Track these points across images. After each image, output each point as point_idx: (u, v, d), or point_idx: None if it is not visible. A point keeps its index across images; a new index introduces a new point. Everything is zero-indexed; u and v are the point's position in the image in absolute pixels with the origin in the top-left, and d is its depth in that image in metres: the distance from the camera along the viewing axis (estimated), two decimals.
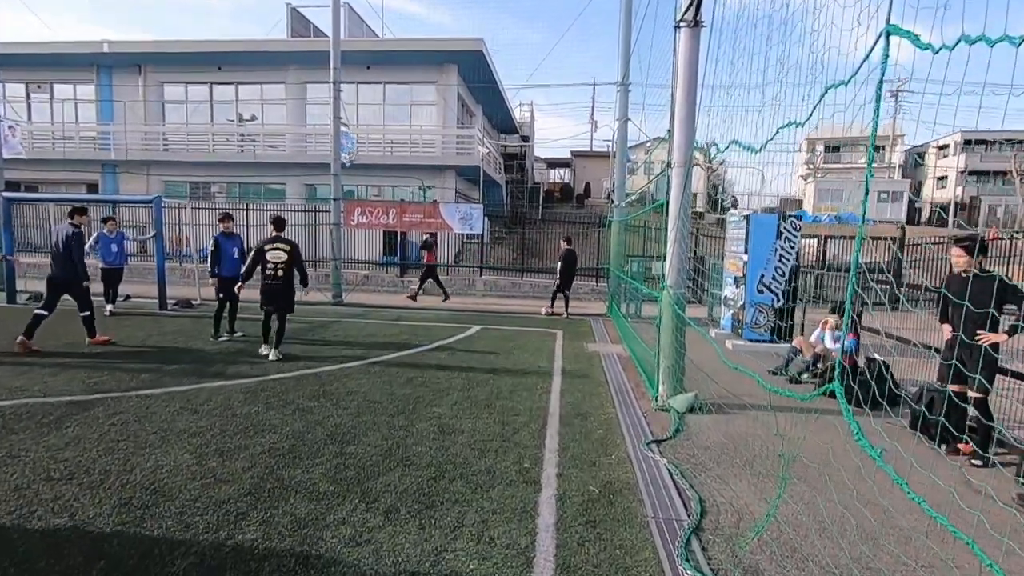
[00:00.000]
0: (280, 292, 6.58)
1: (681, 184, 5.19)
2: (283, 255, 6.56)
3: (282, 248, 6.58)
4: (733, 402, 5.55)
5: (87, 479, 3.42)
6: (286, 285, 6.60)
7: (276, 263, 6.52)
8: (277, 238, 6.65)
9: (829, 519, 3.21)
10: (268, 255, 6.52)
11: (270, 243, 6.57)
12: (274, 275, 6.52)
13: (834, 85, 2.37)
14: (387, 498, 3.33)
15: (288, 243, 6.67)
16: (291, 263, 6.60)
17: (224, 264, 7.64)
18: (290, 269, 6.60)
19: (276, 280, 6.53)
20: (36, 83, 21.47)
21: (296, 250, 6.70)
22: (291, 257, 6.59)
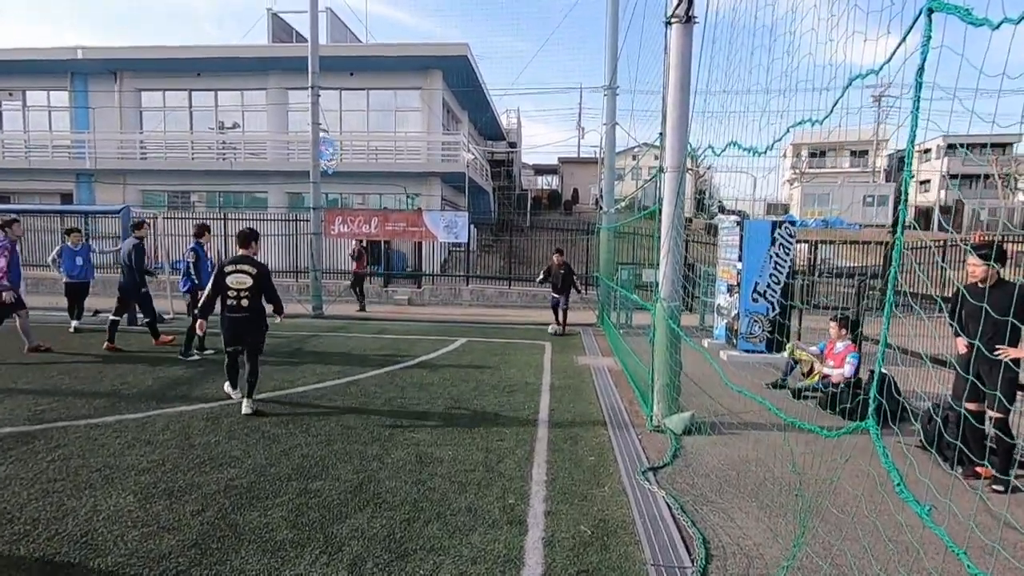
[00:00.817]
0: (245, 326, 5.16)
1: (675, 189, 4.88)
2: (247, 279, 5.11)
3: (245, 271, 5.14)
4: (731, 420, 5.23)
5: (10, 530, 2.99)
6: (253, 317, 5.18)
7: (239, 290, 5.10)
8: (242, 258, 5.23)
9: (848, 561, 2.87)
10: (229, 279, 5.10)
11: (232, 264, 5.18)
12: (237, 305, 5.11)
13: (861, 75, 2.05)
14: (353, 546, 2.94)
15: (254, 264, 5.21)
16: (258, 289, 5.18)
17: (205, 277, 7.37)
18: (257, 296, 5.19)
19: (240, 312, 5.12)
20: (8, 91, 20.83)
21: (264, 273, 5.23)
22: (257, 282, 5.16)
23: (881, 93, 36.09)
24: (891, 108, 37.61)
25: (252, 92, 19.96)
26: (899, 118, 46.45)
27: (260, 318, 5.29)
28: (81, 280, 8.97)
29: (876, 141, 40.38)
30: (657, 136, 5.93)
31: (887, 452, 1.93)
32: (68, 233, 8.97)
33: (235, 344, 5.30)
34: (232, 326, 5.19)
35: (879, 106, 38.39)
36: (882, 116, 38.84)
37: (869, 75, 2.11)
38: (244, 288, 5.12)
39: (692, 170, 25.95)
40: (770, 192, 39.60)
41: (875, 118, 38.74)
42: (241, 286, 5.12)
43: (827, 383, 5.92)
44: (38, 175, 19.60)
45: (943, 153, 40.33)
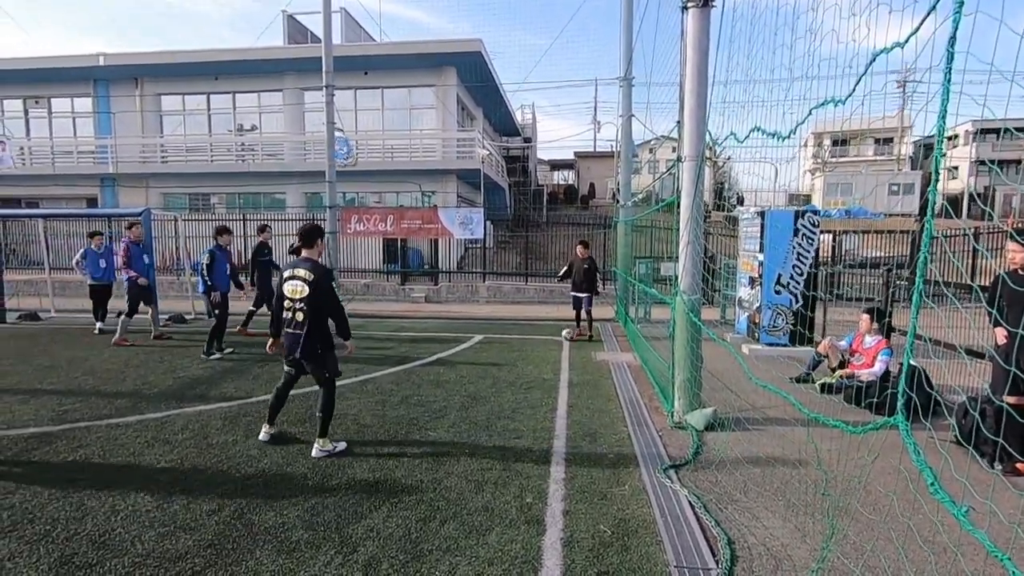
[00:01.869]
0: (300, 346, 4.11)
1: (693, 179, 4.75)
2: (303, 287, 4.09)
3: (301, 277, 4.11)
4: (755, 416, 5.09)
5: (30, 530, 3.02)
6: (311, 336, 4.10)
7: (293, 300, 4.12)
8: (301, 261, 4.21)
9: (882, 564, 2.74)
10: (285, 287, 4.17)
11: (290, 268, 4.20)
12: (291, 319, 4.14)
13: (886, 49, 1.93)
14: (368, 547, 2.91)
15: (312, 268, 4.13)
16: (316, 301, 4.10)
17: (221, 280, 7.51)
18: (317, 310, 4.12)
19: (294, 328, 4.13)
20: (34, 98, 21.34)
21: (322, 281, 4.13)
22: (314, 291, 4.08)
23: (905, 78, 35.12)
24: (915, 94, 36.57)
25: (269, 94, 20.15)
26: (924, 103, 45.22)
27: (320, 338, 4.15)
28: (104, 282, 9.12)
29: (900, 128, 39.29)
30: (674, 126, 5.80)
31: (919, 449, 1.81)
32: (91, 236, 9.13)
33: (292, 366, 4.29)
34: (287, 344, 4.19)
35: (903, 92, 37.38)
36: (906, 102, 37.80)
37: (895, 48, 1.98)
38: (300, 298, 4.10)
39: (711, 159, 25.54)
40: (791, 180, 38.86)
41: (899, 104, 37.71)
42: (295, 295, 4.12)
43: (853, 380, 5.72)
44: (64, 180, 20.07)
45: (972, 139, 39.09)
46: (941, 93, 1.62)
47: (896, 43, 1.85)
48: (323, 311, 4.17)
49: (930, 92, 1.87)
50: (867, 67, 1.98)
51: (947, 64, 1.58)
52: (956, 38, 1.62)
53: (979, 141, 39.15)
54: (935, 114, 1.75)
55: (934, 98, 1.79)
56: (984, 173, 38.89)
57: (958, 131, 40.46)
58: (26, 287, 13.46)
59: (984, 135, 38.58)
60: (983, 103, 1.62)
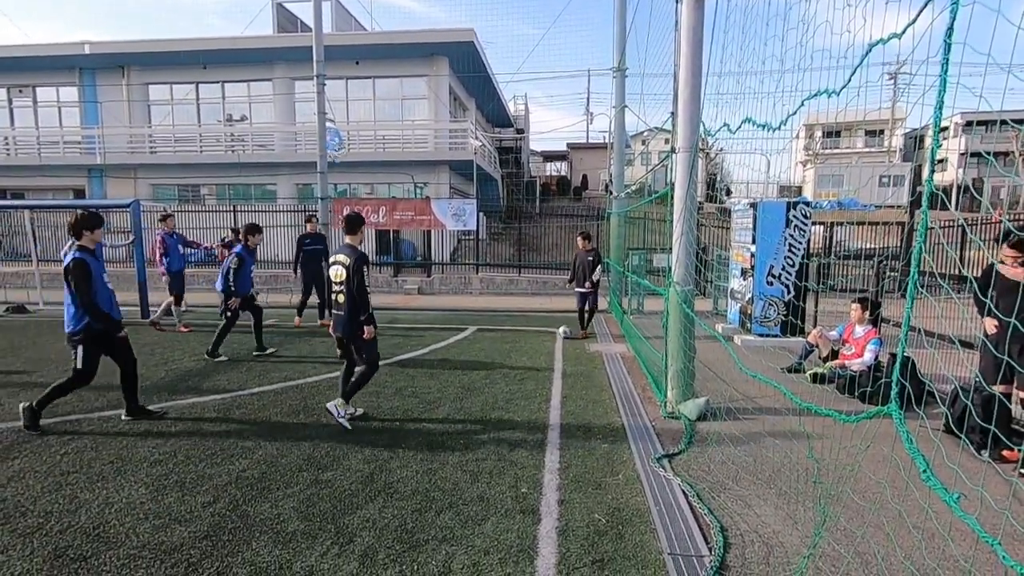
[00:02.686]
0: (344, 324, 4.58)
1: (687, 171, 4.75)
2: (343, 272, 4.50)
3: (340, 262, 4.54)
4: (747, 406, 5.13)
5: (23, 523, 3.00)
6: (350, 314, 4.56)
7: (337, 283, 4.57)
8: (343, 248, 4.63)
9: (872, 550, 2.79)
10: (330, 272, 4.64)
11: (335, 255, 4.66)
12: (336, 300, 4.62)
13: (882, 40, 1.93)
14: (364, 537, 2.91)
15: (350, 255, 4.52)
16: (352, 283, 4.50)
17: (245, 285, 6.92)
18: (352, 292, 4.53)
19: (338, 309, 4.61)
20: (17, 87, 20.96)
21: (357, 265, 4.48)
22: (350, 275, 4.48)
23: (897, 71, 35.30)
24: (908, 87, 36.74)
25: (258, 83, 19.91)
26: (916, 96, 45.43)
27: (358, 317, 4.54)
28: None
29: (892, 120, 39.50)
30: (668, 117, 5.80)
31: (911, 437, 1.84)
32: None
33: (340, 347, 4.81)
34: (334, 323, 4.68)
35: (895, 84, 37.57)
36: (898, 95, 37.98)
37: (891, 39, 1.99)
38: (340, 282, 4.53)
39: (704, 150, 25.60)
40: (783, 172, 39.01)
41: (891, 97, 37.90)
42: (337, 279, 4.55)
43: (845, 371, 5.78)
44: (50, 171, 19.77)
45: (961, 131, 39.38)
46: (938, 84, 1.63)
47: (893, 34, 1.85)
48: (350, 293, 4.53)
49: (924, 84, 1.87)
50: (863, 58, 1.98)
51: (944, 55, 1.58)
52: (954, 29, 1.62)
53: (969, 134, 39.46)
54: (929, 106, 1.76)
55: (930, 90, 1.80)
56: (973, 165, 39.24)
57: (947, 123, 40.74)
58: (13, 279, 13.31)
59: (973, 127, 38.85)
60: (980, 95, 1.63)
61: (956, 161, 39.54)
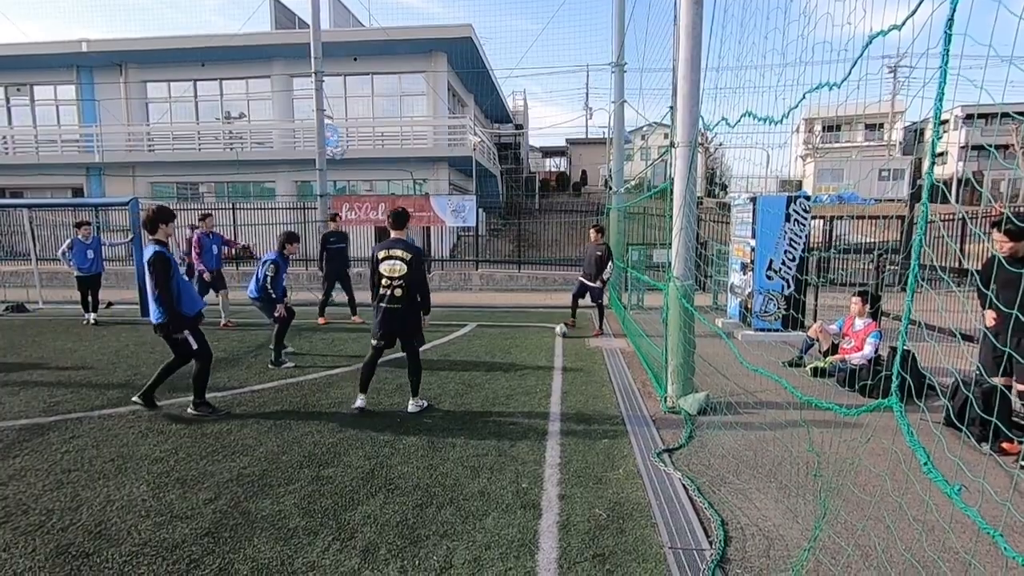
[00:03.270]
0: (399, 320, 4.63)
1: (686, 166, 4.74)
2: (401, 266, 4.56)
3: (398, 256, 4.58)
4: (747, 400, 5.14)
5: (24, 521, 3.00)
6: (408, 309, 4.64)
7: (391, 278, 4.57)
8: (395, 242, 4.66)
9: (872, 543, 2.79)
10: (382, 266, 4.60)
11: (385, 248, 4.63)
12: (390, 295, 4.59)
13: (882, 32, 1.92)
14: (366, 532, 2.92)
15: (408, 248, 4.62)
16: (412, 277, 4.60)
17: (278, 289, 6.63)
18: (413, 286, 4.64)
19: (393, 303, 4.59)
20: (15, 86, 20.91)
21: (418, 259, 4.64)
22: (411, 269, 4.57)
23: (897, 63, 35.18)
24: (909, 79, 36.62)
25: (256, 80, 19.87)
26: (916, 89, 45.33)
27: (413, 311, 4.70)
28: (92, 273, 8.99)
29: (892, 113, 39.41)
30: (666, 112, 5.78)
31: (912, 430, 1.84)
32: (78, 226, 8.98)
33: (384, 339, 4.73)
34: (384, 319, 4.64)
35: (895, 77, 37.47)
36: (898, 87, 37.89)
37: (891, 30, 1.98)
38: (397, 276, 4.56)
39: (703, 145, 25.52)
40: (783, 166, 38.95)
41: (891, 90, 37.80)
42: (394, 274, 4.57)
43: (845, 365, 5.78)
44: (48, 170, 19.75)
45: (961, 124, 39.28)
46: (939, 76, 1.62)
47: (893, 26, 1.84)
48: (416, 287, 4.65)
49: (925, 77, 1.86)
50: (863, 49, 1.97)
51: (945, 46, 1.57)
52: (954, 20, 1.61)
53: (969, 126, 39.36)
54: (929, 99, 1.75)
55: (930, 82, 1.79)
56: (973, 159, 39.17)
57: (948, 116, 40.64)
58: (13, 278, 13.30)
59: (974, 120, 38.78)
60: (980, 87, 1.62)
61: (956, 154, 39.47)
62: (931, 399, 5.06)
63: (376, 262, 4.64)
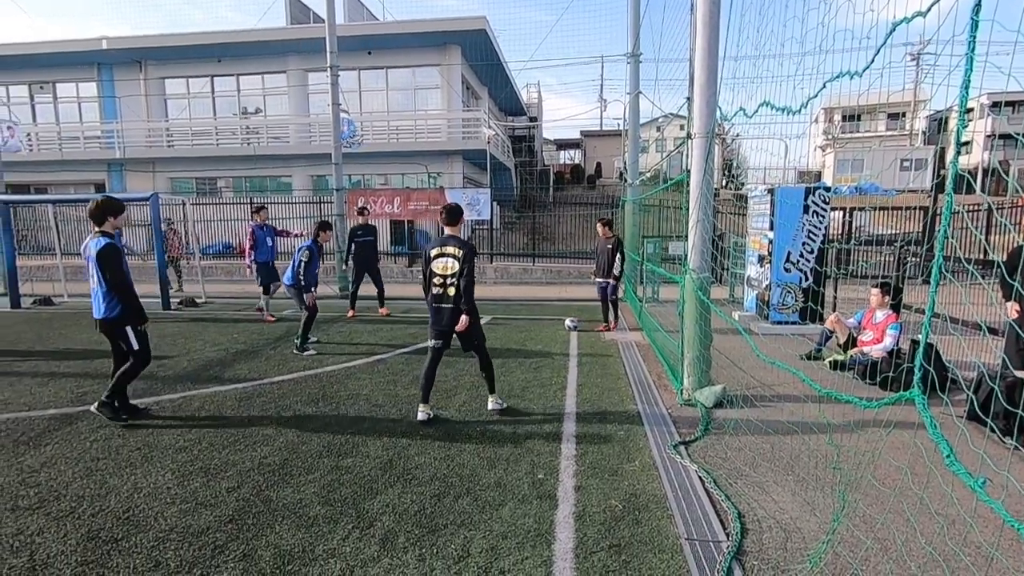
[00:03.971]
0: (454, 318, 4.45)
1: (703, 156, 4.70)
2: (454, 264, 4.39)
3: (451, 254, 4.41)
4: (764, 393, 5.10)
5: (56, 507, 3.10)
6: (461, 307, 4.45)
7: (445, 276, 4.41)
8: (449, 239, 4.49)
9: (892, 536, 2.77)
10: (435, 264, 4.45)
11: (438, 246, 4.48)
12: (443, 294, 4.43)
13: (906, 19, 1.88)
14: (384, 521, 2.97)
15: (461, 245, 4.44)
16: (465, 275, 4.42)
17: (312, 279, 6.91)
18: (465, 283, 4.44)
19: (446, 302, 4.43)
20: (39, 83, 21.32)
21: (471, 256, 4.46)
22: (464, 266, 4.41)
23: (920, 51, 34.34)
24: (933, 67, 35.72)
25: (272, 75, 20.02)
26: (939, 77, 44.14)
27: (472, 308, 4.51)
28: None
29: (914, 102, 38.51)
30: (683, 103, 5.72)
31: (935, 422, 1.82)
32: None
33: (440, 338, 4.53)
34: (439, 318, 4.48)
35: (918, 65, 36.59)
36: (921, 75, 37.00)
37: (916, 17, 1.94)
38: (452, 274, 4.39)
39: (720, 136, 25.22)
40: (802, 157, 38.33)
41: (913, 78, 36.92)
42: (447, 271, 4.40)
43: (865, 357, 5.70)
44: (71, 166, 20.14)
45: (987, 112, 38.23)
46: (964, 63, 1.59)
47: (917, 12, 1.81)
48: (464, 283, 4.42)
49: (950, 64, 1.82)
50: (887, 37, 1.94)
51: (971, 32, 1.54)
52: (981, 5, 1.58)
53: (996, 114, 38.30)
54: (954, 87, 1.72)
55: (955, 69, 1.76)
56: (999, 147, 38.14)
57: (973, 104, 39.58)
58: (39, 273, 13.62)
59: (1001, 108, 37.70)
60: (1008, 74, 1.59)
61: (982, 143, 38.47)
62: (954, 392, 4.98)
63: (429, 260, 4.47)
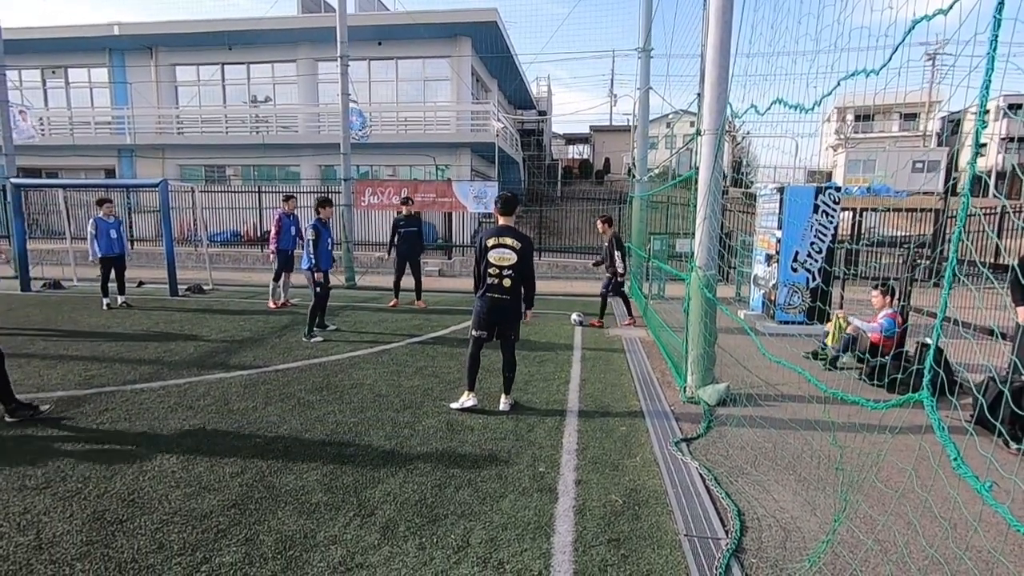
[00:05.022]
0: (505, 311, 4.44)
1: (712, 153, 4.67)
2: (511, 255, 4.36)
3: (509, 245, 4.38)
4: (768, 392, 5.09)
5: (63, 488, 3.14)
6: (514, 300, 4.46)
7: (501, 267, 4.37)
8: (505, 229, 4.44)
9: (893, 537, 2.77)
10: (491, 255, 4.39)
11: (495, 236, 4.41)
12: (498, 284, 4.39)
13: (926, 17, 1.86)
14: (385, 510, 2.99)
15: (518, 237, 4.42)
16: (522, 267, 4.43)
17: (325, 257, 6.94)
18: (521, 277, 4.47)
19: (501, 293, 4.40)
20: (51, 68, 21.40)
21: (530, 250, 4.48)
22: (522, 258, 4.40)
23: (936, 50, 33.90)
24: (951, 67, 35.23)
25: (282, 64, 20.01)
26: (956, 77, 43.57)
27: (519, 303, 4.53)
28: (115, 253, 8.66)
29: (929, 102, 38.06)
30: (693, 99, 5.68)
31: (943, 424, 1.81)
32: (100, 204, 8.72)
33: (486, 329, 4.52)
34: (490, 309, 4.45)
35: (934, 65, 36.14)
36: (937, 76, 36.54)
37: (937, 15, 1.91)
38: (508, 266, 4.36)
39: (730, 133, 25.01)
40: (812, 156, 37.98)
41: (928, 78, 36.48)
42: (504, 263, 4.36)
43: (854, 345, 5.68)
44: (82, 151, 20.23)
45: (1003, 115, 37.73)
46: (986, 62, 1.56)
47: (939, 10, 1.78)
48: (524, 278, 4.48)
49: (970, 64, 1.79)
50: (906, 34, 1.91)
51: (993, 31, 1.52)
52: (1004, 3, 1.55)
53: (1012, 117, 37.81)
54: (972, 88, 1.69)
55: (975, 70, 1.73)
56: (1014, 151, 37.64)
57: (988, 106, 39.03)
58: (49, 256, 13.74)
59: (1020, 111, 37.24)
60: None
61: (997, 146, 38.00)
62: (961, 396, 4.95)
63: (485, 250, 4.40)
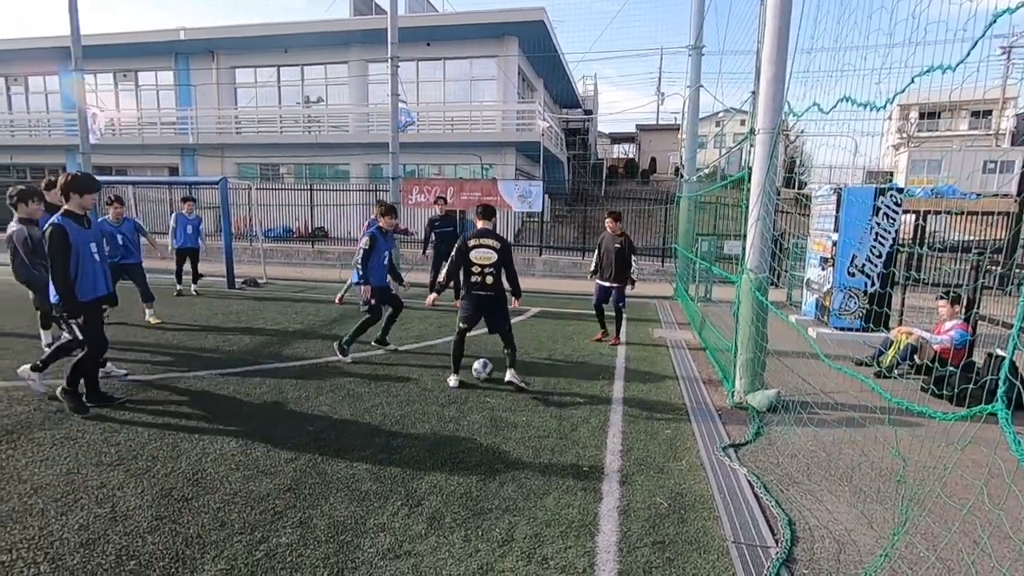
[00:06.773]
0: (490, 305, 5.12)
1: (767, 153, 4.54)
2: (491, 254, 5.03)
3: (489, 245, 5.04)
4: (822, 400, 4.91)
5: (134, 465, 3.36)
6: (499, 296, 5.13)
7: (483, 265, 5.03)
8: (485, 232, 5.11)
9: (957, 556, 2.63)
10: (473, 254, 5.04)
11: (476, 238, 5.06)
12: (481, 282, 5.05)
13: (1009, 10, 1.76)
14: (432, 501, 3.06)
15: (497, 238, 5.09)
16: (502, 265, 5.08)
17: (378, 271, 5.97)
18: (499, 274, 5.10)
19: (485, 290, 5.06)
20: (123, 72, 22.73)
21: (507, 249, 5.14)
22: (501, 257, 5.07)
23: (1012, 44, 31.74)
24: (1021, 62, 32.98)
25: (335, 66, 20.60)
26: None
27: (503, 296, 5.15)
28: (190, 246, 9.41)
29: (1002, 99, 35.69)
30: (747, 98, 5.54)
31: (1020, 439, 1.71)
32: (184, 201, 9.53)
33: (471, 322, 5.15)
34: (476, 305, 5.10)
35: (1009, 59, 33.86)
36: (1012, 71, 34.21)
37: (1020, 7, 1.81)
38: (489, 264, 5.03)
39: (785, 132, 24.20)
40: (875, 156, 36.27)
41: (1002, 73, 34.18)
42: (485, 262, 5.03)
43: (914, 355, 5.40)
44: (149, 150, 21.43)
45: None
46: None
47: (1021, 3, 1.69)
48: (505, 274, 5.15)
49: None
50: (987, 28, 1.81)
51: None
52: None
53: None
54: None
55: None
56: None
57: None
58: None
59: None
60: None
61: None
62: None
63: (467, 251, 5.04)
